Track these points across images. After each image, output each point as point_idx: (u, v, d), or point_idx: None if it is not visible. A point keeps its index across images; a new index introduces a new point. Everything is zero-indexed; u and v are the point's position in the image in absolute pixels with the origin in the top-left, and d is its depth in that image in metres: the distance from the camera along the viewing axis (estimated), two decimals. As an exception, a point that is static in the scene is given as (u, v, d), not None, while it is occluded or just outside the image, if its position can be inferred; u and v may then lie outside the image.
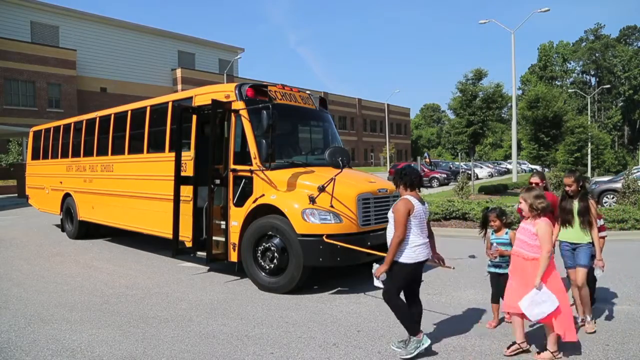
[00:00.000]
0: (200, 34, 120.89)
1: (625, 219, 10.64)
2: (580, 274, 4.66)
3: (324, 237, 5.71)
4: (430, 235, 4.24)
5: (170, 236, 7.15)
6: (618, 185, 16.42)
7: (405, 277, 4.03)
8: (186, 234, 7.06)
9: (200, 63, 46.14)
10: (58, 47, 34.97)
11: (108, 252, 9.21)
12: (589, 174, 42.92)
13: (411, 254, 3.96)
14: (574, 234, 4.72)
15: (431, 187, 28.85)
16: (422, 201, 4.10)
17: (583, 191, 4.75)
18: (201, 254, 6.96)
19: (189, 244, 7.13)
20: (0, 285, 6.65)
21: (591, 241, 4.67)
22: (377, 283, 4.08)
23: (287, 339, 4.51)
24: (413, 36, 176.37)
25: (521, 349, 4.05)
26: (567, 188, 4.75)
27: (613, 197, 17.28)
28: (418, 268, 4.07)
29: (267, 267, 6.16)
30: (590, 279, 4.86)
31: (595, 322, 4.73)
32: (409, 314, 4.06)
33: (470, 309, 5.40)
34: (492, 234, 4.92)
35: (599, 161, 49.21)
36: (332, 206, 5.92)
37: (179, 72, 42.78)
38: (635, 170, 18.71)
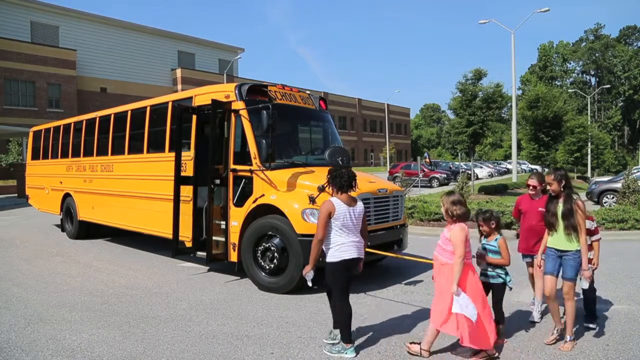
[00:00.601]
0: (200, 34, 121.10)
1: (625, 219, 10.64)
2: (566, 288, 4.21)
3: (324, 237, 5.70)
4: (364, 236, 4.33)
5: (170, 236, 7.15)
6: (618, 185, 16.41)
7: (339, 275, 4.12)
8: (186, 234, 7.06)
9: (200, 63, 46.14)
10: (58, 47, 34.98)
11: (108, 252, 9.21)
12: (589, 174, 42.95)
13: (334, 252, 4.08)
14: (559, 239, 4.27)
15: (431, 187, 28.84)
16: (351, 203, 4.15)
17: (567, 191, 4.24)
18: (201, 254, 6.96)
19: (188, 244, 7.13)
20: (0, 285, 6.65)
21: (579, 248, 4.15)
22: (309, 282, 4.28)
23: (287, 339, 4.51)
24: (413, 36, 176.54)
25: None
26: (548, 187, 4.39)
27: (613, 197, 17.28)
28: (348, 265, 4.13)
29: (267, 267, 6.16)
30: (589, 290, 4.59)
31: (575, 342, 4.21)
32: (350, 320, 4.11)
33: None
34: (484, 238, 4.58)
35: (599, 161, 49.22)
36: (332, 206, 5.91)
37: (179, 72, 42.78)
38: (635, 170, 18.70)
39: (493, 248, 4.40)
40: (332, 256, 4.09)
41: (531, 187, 5.12)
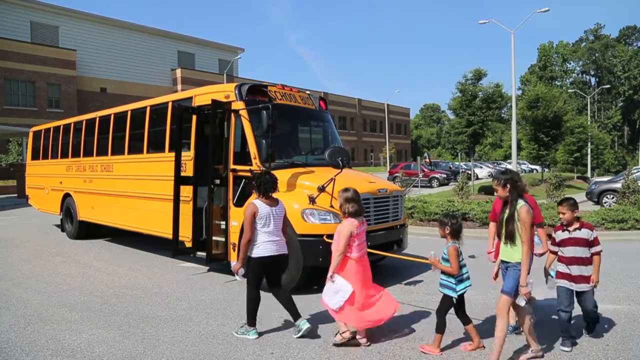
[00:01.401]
0: (200, 34, 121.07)
1: (625, 219, 10.64)
2: (501, 302, 3.83)
3: (324, 237, 5.71)
4: (284, 233, 4.71)
5: (170, 236, 7.16)
6: (618, 185, 16.42)
7: (258, 270, 4.54)
8: (186, 234, 7.06)
9: (200, 63, 46.14)
10: (58, 47, 34.98)
11: (108, 252, 9.21)
12: (589, 174, 42.93)
13: (256, 250, 4.48)
14: (503, 249, 3.94)
15: (431, 187, 28.84)
16: (273, 204, 4.54)
17: (512, 196, 3.85)
18: (201, 254, 6.96)
19: (188, 244, 7.13)
20: (0, 285, 6.65)
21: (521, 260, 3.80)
22: (238, 277, 4.61)
23: (287, 339, 4.51)
24: (413, 36, 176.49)
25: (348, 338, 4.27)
26: (495, 194, 4.07)
27: (613, 197, 17.29)
28: (269, 261, 4.52)
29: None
30: (591, 308, 4.32)
31: None
32: (256, 308, 4.57)
33: (470, 309, 5.38)
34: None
35: (599, 161, 49.22)
36: (331, 206, 5.92)
37: (178, 72, 42.78)
38: (635, 171, 18.72)
39: (444, 255, 4.20)
40: (254, 253, 4.49)
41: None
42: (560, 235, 4.35)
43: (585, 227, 4.32)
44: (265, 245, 4.46)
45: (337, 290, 4.26)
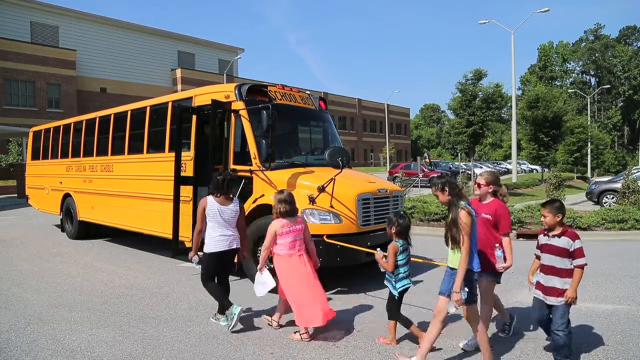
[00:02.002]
0: (200, 34, 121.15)
1: (625, 219, 10.64)
2: (438, 303, 3.77)
3: (324, 237, 5.71)
4: (241, 232, 5.03)
5: (170, 236, 7.15)
6: (618, 185, 16.43)
7: (210, 264, 4.88)
8: (186, 234, 7.06)
9: (200, 63, 46.13)
10: (58, 47, 34.96)
11: (108, 253, 9.20)
12: (589, 174, 42.93)
13: (209, 244, 4.84)
14: (450, 254, 3.78)
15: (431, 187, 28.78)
16: (224, 202, 4.85)
17: (453, 199, 3.73)
18: (201, 254, 6.96)
19: (188, 244, 7.13)
20: (0, 285, 6.65)
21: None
22: (193, 265, 5.05)
23: (287, 339, 4.51)
24: (413, 36, 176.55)
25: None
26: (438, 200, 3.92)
27: (613, 197, 17.29)
28: (220, 256, 4.85)
29: (267, 267, 6.15)
30: (556, 324, 3.76)
31: None
32: (222, 292, 4.87)
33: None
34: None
35: (599, 161, 49.23)
36: (331, 206, 5.92)
37: (178, 72, 42.77)
38: (634, 171, 18.71)
39: (386, 252, 4.34)
40: (207, 247, 4.86)
41: (476, 186, 4.46)
42: (541, 239, 3.98)
43: (567, 236, 3.77)
44: (217, 241, 4.82)
45: (263, 282, 4.74)
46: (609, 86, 68.25)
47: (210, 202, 4.82)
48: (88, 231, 10.54)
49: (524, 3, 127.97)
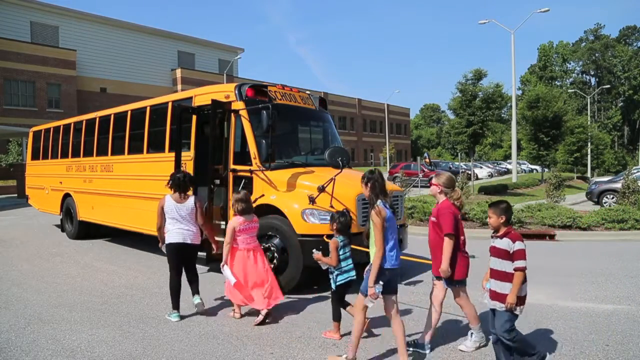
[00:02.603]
0: (200, 34, 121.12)
1: (625, 219, 10.64)
2: (357, 300, 3.86)
3: (324, 237, 5.70)
4: (204, 227, 5.46)
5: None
6: (618, 185, 16.43)
7: (171, 254, 5.26)
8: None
9: (200, 63, 46.13)
10: (58, 47, 34.96)
11: (108, 253, 9.20)
12: (588, 174, 42.94)
13: (168, 237, 5.25)
14: (370, 250, 3.84)
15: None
16: (180, 200, 5.24)
17: (372, 195, 3.76)
18: (201, 254, 6.95)
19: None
20: (0, 285, 6.65)
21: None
22: (163, 248, 5.42)
23: (287, 339, 4.51)
24: (413, 36, 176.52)
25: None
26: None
27: (613, 197, 17.29)
28: (178, 247, 5.22)
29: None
30: (500, 329, 3.58)
31: None
32: (175, 293, 5.22)
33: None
34: None
35: (599, 161, 49.26)
36: (331, 206, 5.92)
37: (178, 72, 42.77)
38: (634, 171, 18.72)
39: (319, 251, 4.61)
40: (166, 239, 5.27)
41: (430, 186, 4.43)
42: (491, 242, 3.79)
43: (509, 237, 3.58)
44: (173, 233, 5.22)
45: (226, 276, 5.08)
46: (609, 86, 68.26)
47: (168, 200, 5.26)
48: (88, 231, 10.54)
49: (524, 3, 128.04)
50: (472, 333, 4.23)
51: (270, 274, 5.16)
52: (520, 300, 3.53)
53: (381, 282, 3.68)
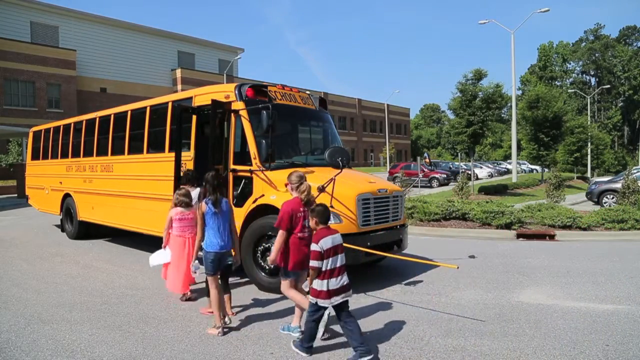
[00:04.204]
0: (200, 34, 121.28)
1: (625, 219, 10.63)
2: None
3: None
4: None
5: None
6: (618, 185, 16.43)
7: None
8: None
9: (200, 63, 46.15)
10: (58, 47, 34.98)
11: (108, 253, 9.20)
12: (588, 174, 42.93)
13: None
14: None
15: (431, 187, 28.83)
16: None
17: (202, 194, 4.81)
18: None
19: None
20: (0, 285, 6.65)
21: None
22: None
23: (287, 339, 4.51)
24: (413, 36, 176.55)
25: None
26: None
27: (613, 197, 17.29)
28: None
29: (267, 267, 6.16)
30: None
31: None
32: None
33: (470, 309, 5.39)
34: None
35: (599, 161, 49.24)
36: (331, 206, 5.91)
37: (178, 72, 42.78)
38: (634, 171, 18.72)
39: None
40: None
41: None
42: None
43: (314, 238, 4.07)
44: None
45: (163, 254, 5.80)
46: (609, 86, 68.26)
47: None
48: (88, 231, 10.53)
49: (524, 3, 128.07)
50: (298, 327, 4.57)
51: (188, 267, 5.54)
52: (317, 293, 4.01)
53: (196, 261, 4.95)
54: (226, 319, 4.79)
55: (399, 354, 4.12)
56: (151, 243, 9.37)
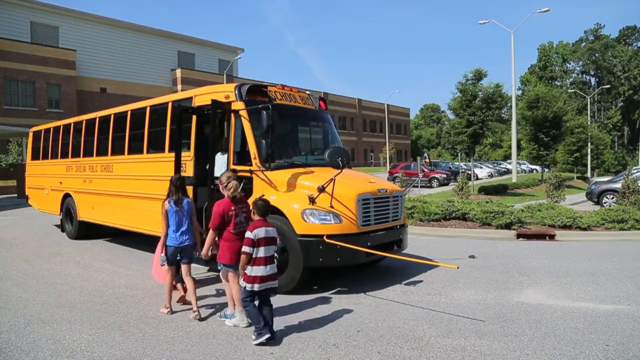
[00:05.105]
0: (200, 34, 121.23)
1: (625, 219, 10.63)
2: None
3: (324, 238, 5.70)
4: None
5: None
6: (618, 185, 16.43)
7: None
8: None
9: (200, 63, 46.14)
10: (58, 47, 34.97)
11: (108, 253, 9.20)
12: (588, 174, 42.94)
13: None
14: None
15: (431, 187, 28.83)
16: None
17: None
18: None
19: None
20: (0, 285, 6.65)
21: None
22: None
23: (287, 339, 4.51)
24: (413, 36, 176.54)
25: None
26: None
27: (613, 198, 17.29)
28: None
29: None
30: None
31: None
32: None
33: (470, 309, 5.40)
34: None
35: (599, 161, 49.23)
36: (332, 206, 5.92)
37: (178, 72, 42.77)
38: (634, 171, 18.72)
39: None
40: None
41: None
42: None
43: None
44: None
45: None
46: (609, 86, 68.28)
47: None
48: (88, 231, 10.53)
49: (524, 3, 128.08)
50: (233, 314, 4.97)
51: None
52: (249, 278, 4.39)
53: (163, 254, 5.27)
54: (195, 311, 5.17)
55: (399, 354, 4.12)
56: (151, 243, 9.35)
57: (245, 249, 4.41)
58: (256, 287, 4.36)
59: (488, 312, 5.24)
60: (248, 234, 4.42)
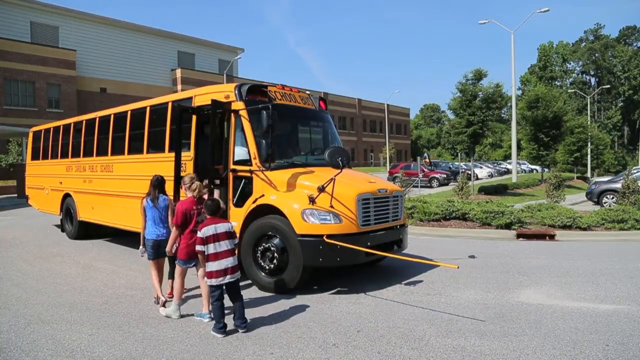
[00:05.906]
0: (200, 34, 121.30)
1: (625, 219, 10.63)
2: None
3: (324, 237, 5.71)
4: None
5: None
6: (618, 185, 16.43)
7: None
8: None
9: (200, 63, 46.13)
10: (58, 47, 34.95)
11: (108, 253, 9.20)
12: (588, 174, 42.93)
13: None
14: None
15: (431, 187, 28.83)
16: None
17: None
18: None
19: None
20: (0, 286, 6.65)
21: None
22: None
23: (287, 339, 4.51)
24: (413, 36, 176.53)
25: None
26: None
27: (613, 198, 17.29)
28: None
29: (267, 267, 6.16)
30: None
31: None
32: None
33: (470, 309, 5.40)
34: None
35: (599, 161, 49.22)
36: (331, 206, 5.92)
37: (178, 72, 42.75)
38: (634, 171, 18.72)
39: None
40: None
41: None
42: None
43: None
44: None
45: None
46: (609, 86, 68.28)
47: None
48: (88, 231, 10.53)
49: (524, 3, 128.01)
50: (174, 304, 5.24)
51: None
52: (207, 274, 4.69)
53: (143, 248, 5.67)
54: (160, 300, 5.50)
55: (399, 354, 4.12)
56: (151, 243, 9.37)
57: (197, 247, 4.69)
58: (214, 281, 4.62)
59: (488, 312, 5.24)
60: (198, 234, 4.69)
